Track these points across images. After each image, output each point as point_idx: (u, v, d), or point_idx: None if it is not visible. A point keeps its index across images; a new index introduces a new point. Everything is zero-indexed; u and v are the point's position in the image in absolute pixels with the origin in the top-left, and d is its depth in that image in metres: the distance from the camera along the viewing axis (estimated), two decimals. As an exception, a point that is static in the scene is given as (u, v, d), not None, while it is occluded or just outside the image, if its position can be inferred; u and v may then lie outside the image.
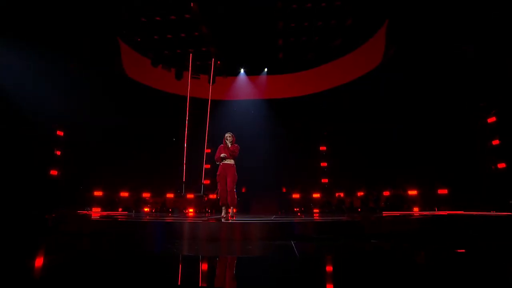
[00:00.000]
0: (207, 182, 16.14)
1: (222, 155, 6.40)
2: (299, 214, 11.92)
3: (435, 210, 13.43)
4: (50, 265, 3.38)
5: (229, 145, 6.44)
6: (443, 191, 13.95)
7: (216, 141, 15.65)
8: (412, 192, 14.78)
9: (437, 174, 13.45)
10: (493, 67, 11.76)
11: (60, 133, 13.28)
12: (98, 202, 14.64)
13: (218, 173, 6.34)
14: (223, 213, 6.25)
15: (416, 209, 14.12)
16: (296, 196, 16.31)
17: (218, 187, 6.34)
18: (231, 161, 6.37)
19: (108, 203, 14.96)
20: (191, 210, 15.87)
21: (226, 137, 6.59)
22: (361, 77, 15.10)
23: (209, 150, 16.37)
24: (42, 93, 10.86)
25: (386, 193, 15.20)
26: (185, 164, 12.90)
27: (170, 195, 16.56)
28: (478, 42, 11.44)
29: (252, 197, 15.44)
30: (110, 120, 14.23)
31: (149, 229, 5.03)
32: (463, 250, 4.01)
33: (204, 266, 3.34)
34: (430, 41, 12.41)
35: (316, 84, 16.33)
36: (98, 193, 14.70)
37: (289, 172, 16.24)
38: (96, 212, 13.26)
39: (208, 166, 16.03)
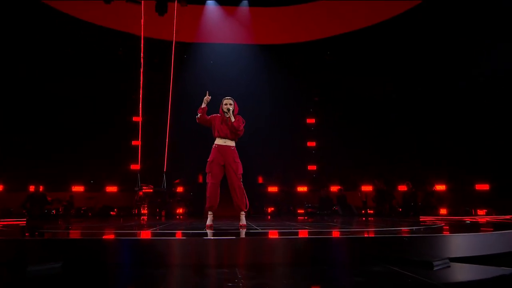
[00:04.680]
0: (136, 167, 11.97)
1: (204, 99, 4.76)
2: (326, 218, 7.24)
3: (472, 213, 10.57)
4: None
5: (232, 118, 4.56)
6: (482, 187, 11.06)
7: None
8: (440, 188, 11.32)
9: (475, 163, 10.80)
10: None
11: None
12: None
13: (210, 159, 4.70)
14: (208, 221, 4.66)
15: (443, 210, 10.63)
16: (273, 189, 12.18)
17: (208, 180, 4.64)
18: (232, 142, 4.74)
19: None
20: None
21: (225, 104, 4.69)
22: (384, 22, 10.89)
23: (139, 118, 11.99)
24: None
25: (402, 188, 11.39)
26: (141, 144, 10.26)
27: (78, 189, 11.75)
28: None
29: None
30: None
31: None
32: None
33: None
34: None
35: (315, 28, 11.61)
36: None
37: (263, 154, 11.41)
38: None
39: (138, 142, 11.95)
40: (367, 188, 11.41)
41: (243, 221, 4.73)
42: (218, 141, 4.71)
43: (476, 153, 10.61)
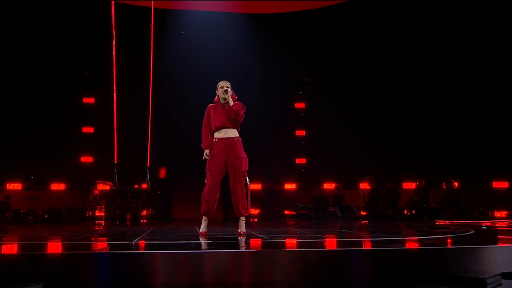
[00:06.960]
0: (88, 159, 10.97)
1: (206, 152, 4.33)
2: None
3: (489, 215, 9.35)
4: None
5: (230, 101, 4.20)
6: (501, 185, 10.14)
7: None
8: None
9: (492, 157, 9.73)
10: None
11: None
12: None
13: (210, 155, 4.30)
14: (202, 228, 4.30)
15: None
16: (256, 186, 10.57)
17: (206, 181, 4.19)
18: (234, 132, 4.25)
19: None
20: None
21: (221, 87, 4.30)
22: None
23: (92, 100, 10.99)
24: None
25: (407, 186, 10.33)
26: (116, 132, 9.18)
27: (15, 187, 10.13)
28: None
29: (179, 189, 10.66)
30: None
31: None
32: None
33: None
34: None
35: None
36: None
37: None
38: None
39: (91, 129, 10.98)
40: (365, 185, 10.03)
41: (242, 228, 4.29)
42: (217, 135, 4.30)
43: (493, 146, 9.56)
